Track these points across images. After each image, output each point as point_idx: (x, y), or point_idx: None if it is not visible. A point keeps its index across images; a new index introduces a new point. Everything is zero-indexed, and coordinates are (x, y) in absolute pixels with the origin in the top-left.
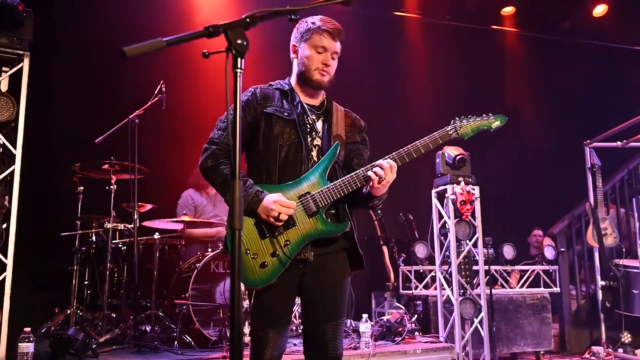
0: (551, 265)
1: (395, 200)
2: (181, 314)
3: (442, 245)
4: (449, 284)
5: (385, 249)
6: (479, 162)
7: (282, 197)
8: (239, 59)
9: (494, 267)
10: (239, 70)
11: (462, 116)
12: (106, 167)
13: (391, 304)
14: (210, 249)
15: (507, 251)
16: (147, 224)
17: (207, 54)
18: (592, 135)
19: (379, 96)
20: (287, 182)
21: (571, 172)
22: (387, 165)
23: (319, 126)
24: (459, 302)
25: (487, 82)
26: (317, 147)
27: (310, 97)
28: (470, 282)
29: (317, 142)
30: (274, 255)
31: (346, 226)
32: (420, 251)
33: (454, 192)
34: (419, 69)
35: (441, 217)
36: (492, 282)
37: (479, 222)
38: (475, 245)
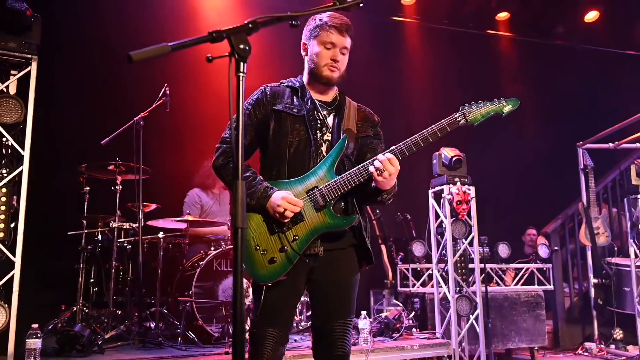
0: (545, 263)
1: (393, 200)
2: (185, 311)
3: (438, 244)
4: (446, 281)
5: (383, 248)
6: (475, 163)
7: (289, 195)
8: (242, 63)
9: (489, 266)
10: (241, 74)
11: (472, 102)
12: (112, 167)
13: (389, 301)
14: (213, 248)
15: (502, 250)
16: (151, 223)
17: (210, 58)
18: (584, 137)
19: (377, 99)
20: (297, 178)
21: (564, 172)
22: (383, 158)
23: (330, 121)
24: (455, 300)
25: (483, 85)
26: (327, 142)
27: (321, 94)
28: (466, 279)
29: (327, 137)
30: (282, 250)
31: (354, 219)
32: (417, 250)
33: (450, 192)
34: (417, 72)
35: (438, 216)
36: (487, 279)
37: (474, 222)
38: (471, 244)
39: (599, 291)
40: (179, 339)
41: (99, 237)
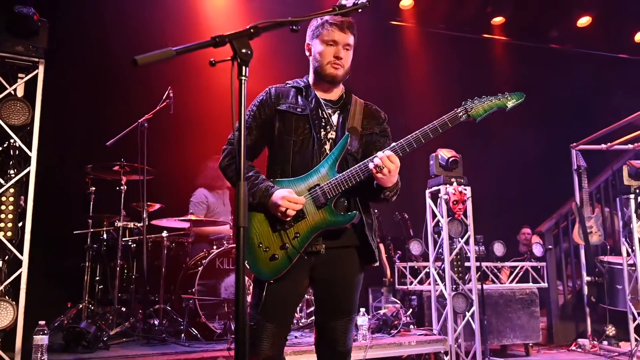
0: (539, 261)
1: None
2: (188, 308)
3: (435, 242)
4: (442, 279)
5: (381, 247)
6: (471, 164)
7: (290, 194)
8: (244, 67)
9: (485, 264)
10: (243, 77)
11: (475, 97)
12: (117, 168)
13: (387, 298)
14: (215, 246)
15: (498, 248)
16: (155, 222)
17: (213, 62)
18: (578, 138)
19: (375, 102)
20: (300, 176)
21: (558, 173)
22: (382, 155)
23: (334, 120)
24: (451, 297)
25: (479, 88)
26: (331, 141)
27: (327, 92)
28: (462, 277)
29: (331, 135)
30: (283, 247)
31: (353, 216)
32: (415, 248)
33: (447, 193)
34: (415, 74)
35: (435, 216)
36: (483, 277)
37: (470, 221)
38: (467, 242)
39: (592, 289)
40: (182, 335)
41: (104, 236)
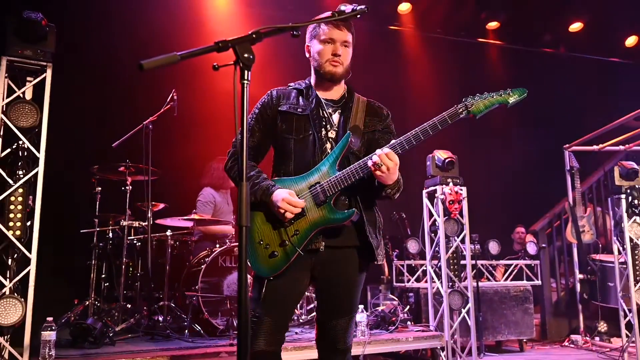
0: (533, 260)
1: (388, 200)
2: (191, 305)
3: (432, 241)
4: (439, 277)
5: None
6: (466, 164)
7: (290, 196)
8: (246, 71)
9: (480, 262)
10: (245, 81)
11: (476, 94)
12: (122, 169)
13: (385, 295)
14: (218, 245)
15: (493, 247)
16: (159, 221)
17: (217, 66)
18: (571, 139)
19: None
20: (301, 174)
21: (551, 173)
22: (381, 152)
23: (335, 119)
24: (447, 294)
25: (475, 90)
26: (331, 140)
27: (328, 92)
28: (458, 275)
29: (332, 134)
30: (282, 245)
31: (352, 214)
32: (412, 247)
33: (443, 193)
34: (413, 78)
35: (431, 215)
36: (478, 275)
37: (466, 220)
38: (462, 241)
39: (584, 286)
40: (186, 331)
41: (110, 235)
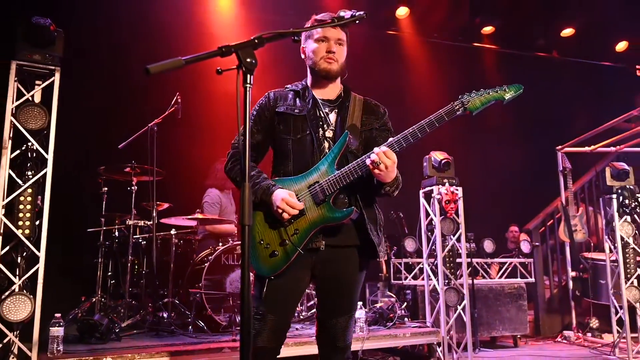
0: (527, 258)
1: (386, 199)
2: (195, 302)
3: (429, 240)
4: (435, 274)
5: None
6: (462, 165)
7: (289, 197)
8: (249, 75)
9: (475, 260)
10: (248, 85)
11: (472, 91)
12: (128, 169)
13: (383, 292)
14: (221, 244)
15: (487, 245)
16: (164, 221)
17: (220, 70)
18: (563, 141)
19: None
20: (300, 174)
21: (545, 174)
22: (378, 150)
23: (332, 118)
24: (444, 291)
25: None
26: (329, 139)
27: (325, 91)
28: (454, 273)
29: (329, 134)
30: (282, 244)
31: (351, 212)
32: (409, 245)
33: (440, 193)
34: (411, 80)
35: (428, 214)
36: (473, 273)
37: (462, 219)
38: (458, 240)
39: (576, 283)
40: (190, 327)
41: (116, 233)
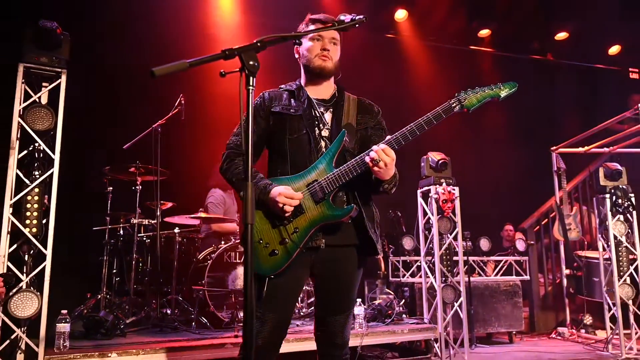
0: (522, 256)
1: (385, 198)
2: (198, 299)
3: (426, 238)
4: (433, 272)
5: None
6: (459, 165)
7: (287, 190)
8: (251, 78)
9: (472, 258)
10: (251, 87)
11: (468, 88)
12: (132, 169)
13: (382, 290)
14: (223, 242)
15: (484, 244)
16: (168, 219)
17: (223, 73)
18: (558, 142)
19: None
20: (298, 173)
21: (539, 174)
22: (377, 148)
23: (328, 118)
24: (441, 289)
25: None
26: (325, 138)
27: (319, 91)
28: (451, 270)
29: (325, 133)
30: (282, 243)
31: (350, 210)
32: (407, 243)
33: (437, 192)
34: (409, 84)
35: (425, 213)
36: (470, 270)
37: (458, 218)
38: (455, 238)
39: (570, 281)
40: (193, 323)
41: (121, 232)
